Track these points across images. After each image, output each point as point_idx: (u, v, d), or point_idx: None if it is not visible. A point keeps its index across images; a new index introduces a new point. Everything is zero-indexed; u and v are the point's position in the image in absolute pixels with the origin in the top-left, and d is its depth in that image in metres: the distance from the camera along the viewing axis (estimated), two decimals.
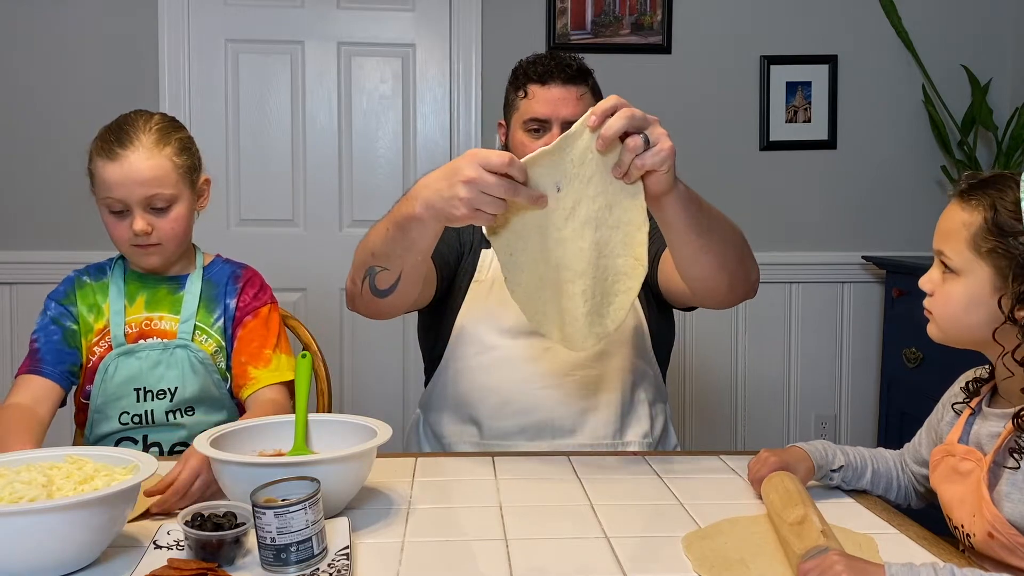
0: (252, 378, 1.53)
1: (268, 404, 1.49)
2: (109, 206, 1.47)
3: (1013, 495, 1.07)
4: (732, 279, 1.48)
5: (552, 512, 1.21)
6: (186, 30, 2.92)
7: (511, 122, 1.73)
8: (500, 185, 1.20)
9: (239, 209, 2.99)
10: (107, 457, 1.11)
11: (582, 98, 1.67)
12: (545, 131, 1.67)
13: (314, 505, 0.99)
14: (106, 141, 1.46)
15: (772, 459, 1.25)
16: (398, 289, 1.47)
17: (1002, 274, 1.07)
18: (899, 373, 2.88)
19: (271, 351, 1.55)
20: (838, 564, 0.90)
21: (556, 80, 1.66)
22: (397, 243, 1.36)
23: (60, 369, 1.50)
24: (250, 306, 1.57)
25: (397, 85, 3.01)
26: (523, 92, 1.69)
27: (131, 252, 1.51)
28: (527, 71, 1.69)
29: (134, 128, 1.47)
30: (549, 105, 1.65)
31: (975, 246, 1.09)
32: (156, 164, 1.45)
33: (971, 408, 1.20)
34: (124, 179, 1.44)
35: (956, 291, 1.11)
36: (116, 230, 1.49)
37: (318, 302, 2.99)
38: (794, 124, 3.08)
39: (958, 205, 1.12)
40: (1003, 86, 3.05)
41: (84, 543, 0.99)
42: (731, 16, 3.04)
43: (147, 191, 1.45)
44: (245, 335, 1.55)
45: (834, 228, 3.12)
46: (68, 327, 1.53)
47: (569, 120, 1.65)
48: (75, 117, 2.79)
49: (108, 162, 1.44)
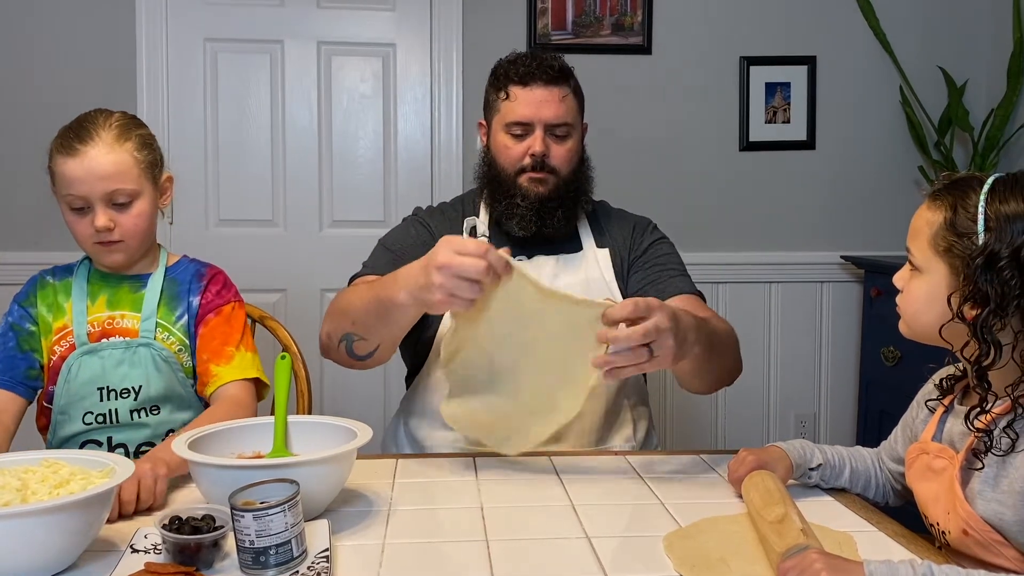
0: (214, 375, 1.51)
1: (230, 401, 1.47)
2: (70, 203, 1.46)
3: (986, 492, 1.08)
4: (717, 387, 1.57)
5: (533, 513, 1.21)
6: (164, 29, 2.89)
7: (492, 123, 1.70)
8: (473, 266, 1.21)
9: (218, 209, 2.96)
10: (83, 460, 1.10)
11: (564, 99, 1.65)
12: (528, 133, 1.64)
13: (294, 507, 0.98)
14: (66, 138, 1.45)
15: (751, 458, 1.25)
16: (375, 355, 1.50)
17: (956, 273, 1.09)
18: (877, 372, 2.90)
19: (233, 348, 1.53)
20: (818, 562, 0.90)
21: (538, 81, 1.63)
22: (378, 319, 1.37)
23: (13, 376, 1.49)
24: (212, 303, 1.56)
25: (377, 85, 3.00)
26: (504, 93, 1.66)
27: (94, 250, 1.50)
28: (507, 72, 1.66)
29: (94, 125, 1.46)
30: (531, 107, 1.63)
31: (935, 244, 1.11)
32: (117, 159, 1.44)
33: (944, 406, 1.21)
34: (85, 174, 1.42)
35: (918, 288, 1.14)
36: (78, 227, 1.47)
37: (298, 303, 2.98)
38: (773, 124, 3.09)
39: (927, 204, 1.15)
40: (979, 87, 3.08)
41: (60, 548, 0.98)
42: (711, 17, 3.05)
43: (108, 186, 1.44)
44: (207, 333, 1.54)
45: (813, 228, 3.14)
46: (26, 330, 1.51)
47: (551, 122, 1.63)
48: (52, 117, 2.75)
49: (68, 158, 1.43)
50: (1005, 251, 1.05)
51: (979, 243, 1.07)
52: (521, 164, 1.65)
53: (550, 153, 1.64)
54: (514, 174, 1.66)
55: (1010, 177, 1.12)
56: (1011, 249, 1.05)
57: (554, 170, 1.65)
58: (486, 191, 1.71)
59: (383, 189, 3.02)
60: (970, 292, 1.07)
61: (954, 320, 1.09)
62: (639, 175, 2.99)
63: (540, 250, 1.68)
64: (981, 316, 1.06)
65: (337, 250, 2.96)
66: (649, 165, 3.03)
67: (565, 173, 1.66)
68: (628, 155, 3.00)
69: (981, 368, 1.07)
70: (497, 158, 1.68)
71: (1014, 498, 1.05)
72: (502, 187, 1.67)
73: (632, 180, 2.92)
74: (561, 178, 1.66)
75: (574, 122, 1.67)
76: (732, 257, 3.08)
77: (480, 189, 1.73)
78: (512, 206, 1.65)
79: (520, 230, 1.65)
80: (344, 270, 1.81)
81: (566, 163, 1.66)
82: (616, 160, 2.93)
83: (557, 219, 1.65)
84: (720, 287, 3.09)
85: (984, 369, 1.07)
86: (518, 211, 1.65)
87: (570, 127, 1.66)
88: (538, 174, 1.64)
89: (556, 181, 1.65)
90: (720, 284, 3.08)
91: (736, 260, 3.09)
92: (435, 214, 1.77)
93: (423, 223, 1.73)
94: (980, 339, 1.06)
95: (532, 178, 1.64)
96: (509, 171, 1.66)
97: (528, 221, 1.64)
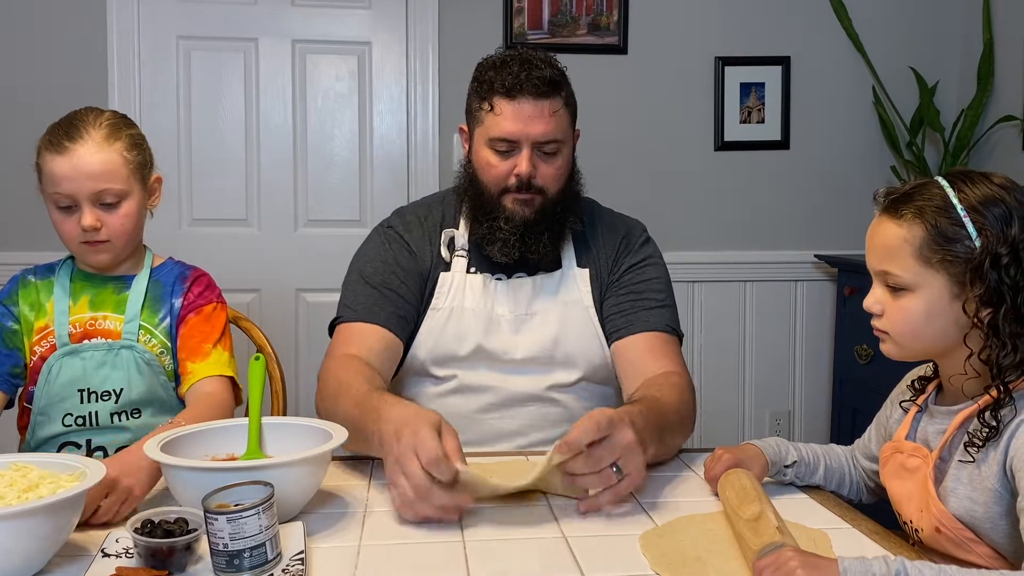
0: (189, 372, 1.50)
1: (207, 399, 1.45)
2: (57, 201, 1.44)
3: (958, 491, 1.09)
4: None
5: (510, 512, 1.20)
6: (136, 27, 2.85)
7: (474, 134, 1.57)
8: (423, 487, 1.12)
9: (191, 209, 2.94)
10: (52, 464, 1.08)
11: (555, 114, 1.50)
12: (513, 151, 1.52)
13: (268, 510, 0.97)
14: (55, 135, 1.43)
15: (727, 456, 1.26)
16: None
17: (958, 280, 1.08)
18: (851, 370, 2.93)
19: (210, 345, 1.51)
20: (793, 560, 0.91)
21: (526, 94, 1.48)
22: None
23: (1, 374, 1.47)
24: (194, 304, 1.54)
25: (353, 83, 2.99)
26: (488, 105, 1.51)
27: (80, 250, 1.48)
28: (492, 81, 1.50)
29: (84, 123, 1.44)
30: (518, 123, 1.49)
31: (924, 259, 1.09)
32: (106, 158, 1.43)
33: (918, 406, 1.22)
34: (73, 172, 1.41)
35: (913, 305, 1.11)
36: (64, 226, 1.45)
37: (272, 303, 2.95)
38: (748, 124, 3.11)
39: (891, 222, 1.12)
40: (949, 88, 3.12)
41: (29, 553, 0.96)
42: (686, 17, 3.06)
43: (96, 185, 1.42)
44: (186, 332, 1.52)
45: (787, 227, 3.16)
46: (8, 328, 1.49)
47: (540, 140, 1.50)
48: (21, 116, 2.72)
49: (56, 156, 1.41)
50: (1003, 248, 1.05)
51: (975, 245, 1.06)
52: (505, 184, 1.53)
53: (537, 173, 1.52)
54: (498, 194, 1.54)
55: (955, 171, 1.13)
56: (1008, 244, 1.05)
57: (541, 190, 1.54)
58: (466, 206, 1.61)
59: (359, 188, 3.00)
60: (984, 294, 1.06)
61: (973, 327, 1.07)
62: (614, 175, 2.99)
63: (519, 270, 1.61)
64: (999, 315, 1.05)
65: (312, 250, 2.94)
66: (624, 165, 3.04)
67: (553, 192, 1.55)
68: (603, 155, 3.00)
69: (1000, 366, 1.06)
70: (480, 174, 1.56)
71: (986, 496, 1.06)
72: (484, 207, 1.56)
73: (607, 180, 2.91)
74: (549, 198, 1.54)
75: (564, 137, 1.54)
76: (707, 256, 3.10)
77: (460, 199, 1.64)
78: (495, 229, 1.54)
79: (502, 256, 1.56)
80: (319, 270, 1.79)
81: (554, 182, 1.55)
82: (591, 160, 2.90)
83: (543, 244, 1.56)
84: (695, 286, 3.10)
85: (1003, 368, 1.06)
86: (500, 235, 1.54)
87: (560, 143, 1.53)
88: (523, 195, 1.53)
89: (543, 202, 1.54)
90: (695, 283, 3.10)
91: (711, 259, 3.10)
92: (412, 227, 1.64)
93: (401, 240, 1.62)
94: (999, 338, 1.06)
95: (517, 199, 1.53)
96: (492, 190, 1.55)
97: (511, 247, 1.54)
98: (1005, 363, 1.06)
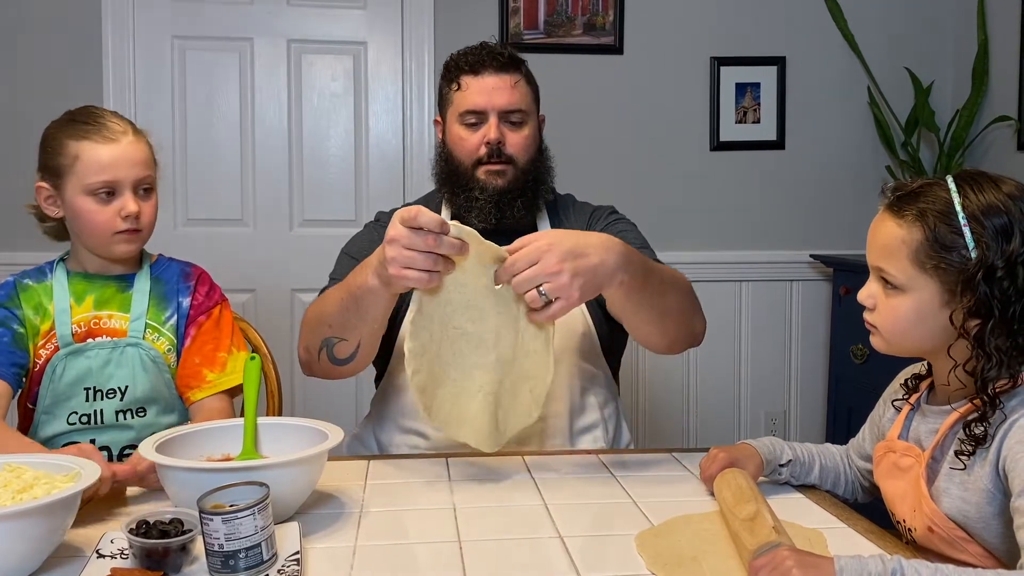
0: (208, 381, 1.51)
1: (214, 413, 1.48)
2: (95, 189, 1.44)
3: (951, 490, 1.09)
4: (672, 342, 1.53)
5: (506, 512, 1.21)
6: (131, 26, 2.85)
7: (447, 117, 1.69)
8: (420, 238, 1.21)
9: (187, 208, 2.93)
10: (47, 464, 1.08)
11: (516, 85, 1.64)
12: (482, 122, 1.63)
13: (263, 510, 0.97)
14: (86, 125, 1.45)
15: (722, 456, 1.26)
16: (358, 357, 1.47)
17: (949, 288, 1.07)
18: (846, 369, 2.94)
19: (225, 353, 1.54)
20: (789, 559, 0.91)
21: (489, 69, 1.63)
22: (352, 313, 1.35)
23: (11, 369, 1.45)
24: (203, 305, 1.56)
25: (348, 83, 2.98)
26: (456, 84, 1.65)
27: (113, 240, 1.47)
28: (458, 63, 1.66)
29: (107, 117, 1.47)
30: (484, 95, 1.62)
31: (919, 263, 1.08)
32: (144, 148, 1.49)
33: (911, 404, 1.22)
34: (120, 159, 1.44)
35: (903, 306, 1.11)
36: (100, 216, 1.45)
37: (268, 303, 2.95)
38: (744, 125, 3.12)
39: (892, 220, 1.11)
40: (944, 88, 3.13)
41: (23, 554, 0.96)
42: (682, 17, 3.07)
43: (139, 172, 1.46)
44: (200, 335, 1.54)
45: (782, 227, 3.16)
46: (16, 330, 1.48)
47: (505, 108, 1.62)
48: (18, 116, 2.71)
49: (99, 144, 1.43)
50: (1000, 261, 1.04)
51: (971, 256, 1.05)
52: (478, 155, 1.64)
53: (506, 140, 1.63)
54: (471, 166, 1.65)
55: (966, 173, 1.11)
56: (1005, 257, 1.04)
57: (511, 159, 1.64)
58: (445, 188, 1.70)
59: (354, 188, 3.00)
60: (973, 305, 1.05)
61: (959, 337, 1.07)
62: (610, 174, 3.00)
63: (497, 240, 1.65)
64: (986, 327, 1.05)
65: (307, 250, 2.94)
66: (620, 165, 3.04)
67: (523, 162, 1.65)
68: (599, 155, 3.01)
69: (984, 379, 1.05)
70: (454, 151, 1.67)
71: (978, 496, 1.06)
72: (460, 180, 1.66)
73: (603, 179, 2.93)
74: (519, 168, 1.65)
75: (528, 109, 1.67)
76: (702, 256, 3.10)
77: (439, 188, 1.72)
78: (471, 199, 1.64)
79: (480, 222, 1.62)
80: (315, 270, 1.80)
81: (523, 151, 1.65)
82: (587, 159, 2.93)
83: (516, 209, 1.64)
84: None
85: (987, 380, 1.05)
86: (476, 204, 1.63)
87: (525, 114, 1.65)
88: (495, 165, 1.63)
89: (515, 172, 1.64)
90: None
91: (706, 259, 3.11)
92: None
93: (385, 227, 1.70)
94: (984, 350, 1.05)
95: (490, 171, 1.63)
96: (466, 163, 1.65)
97: (487, 213, 1.63)
98: (990, 376, 1.05)
